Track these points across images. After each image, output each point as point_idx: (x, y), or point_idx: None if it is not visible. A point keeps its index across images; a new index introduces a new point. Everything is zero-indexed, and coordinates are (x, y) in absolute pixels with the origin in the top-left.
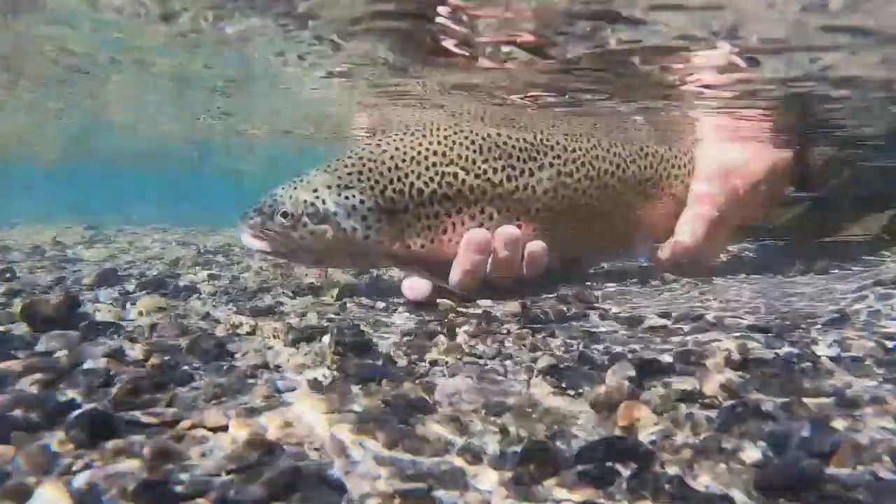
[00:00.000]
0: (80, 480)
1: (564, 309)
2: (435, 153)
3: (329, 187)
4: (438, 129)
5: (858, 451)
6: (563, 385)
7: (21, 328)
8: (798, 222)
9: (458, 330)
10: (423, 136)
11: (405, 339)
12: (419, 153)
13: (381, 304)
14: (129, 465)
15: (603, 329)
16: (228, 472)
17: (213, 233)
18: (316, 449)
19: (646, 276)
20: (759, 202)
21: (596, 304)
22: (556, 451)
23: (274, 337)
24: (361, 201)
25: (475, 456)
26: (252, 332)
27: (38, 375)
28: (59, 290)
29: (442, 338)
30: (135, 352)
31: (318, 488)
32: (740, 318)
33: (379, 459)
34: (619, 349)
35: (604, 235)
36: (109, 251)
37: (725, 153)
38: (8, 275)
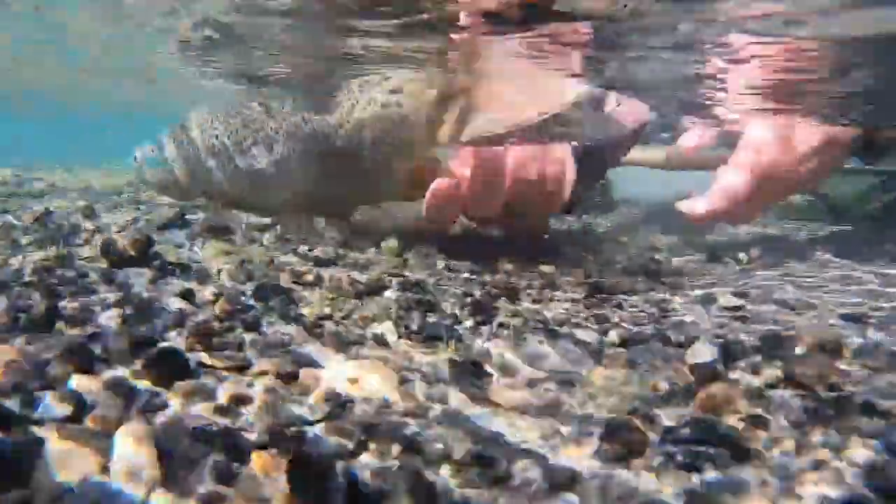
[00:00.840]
0: (158, 418)
1: (629, 281)
2: None
3: None
4: None
5: None
6: (635, 360)
7: (101, 264)
8: (889, 208)
9: (520, 294)
10: None
11: (468, 299)
12: None
13: (441, 263)
14: (204, 408)
15: (673, 305)
16: (301, 425)
17: None
18: (387, 406)
19: (715, 251)
20: (810, 171)
21: (664, 279)
22: (641, 430)
23: (338, 288)
24: None
25: (552, 428)
26: (316, 283)
27: (116, 311)
28: (134, 230)
29: (505, 301)
30: (204, 294)
31: (393, 443)
32: (828, 303)
33: (452, 418)
34: (692, 327)
35: None
36: None
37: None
38: (90, 213)
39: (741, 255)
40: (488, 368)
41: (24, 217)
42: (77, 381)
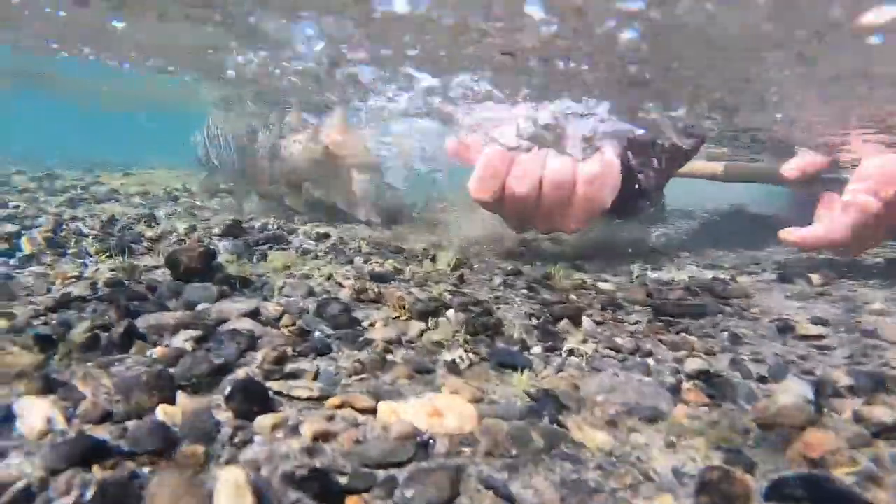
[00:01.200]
0: (246, 455)
1: (695, 302)
2: None
3: None
4: None
5: None
6: (715, 395)
7: (166, 276)
8: None
9: (582, 315)
10: None
11: (532, 320)
12: None
13: (497, 279)
14: (289, 445)
15: (745, 330)
16: (387, 466)
17: None
18: (469, 445)
19: (784, 271)
20: None
21: (731, 300)
22: (741, 481)
23: (400, 307)
24: None
25: (644, 474)
26: (376, 300)
27: (190, 332)
28: (195, 238)
29: (568, 323)
30: (269, 311)
31: (483, 493)
32: None
33: (536, 457)
34: (773, 358)
35: None
36: (232, 200)
37: (889, 156)
38: (152, 221)
39: (814, 277)
40: (565, 402)
41: (92, 225)
42: (163, 412)
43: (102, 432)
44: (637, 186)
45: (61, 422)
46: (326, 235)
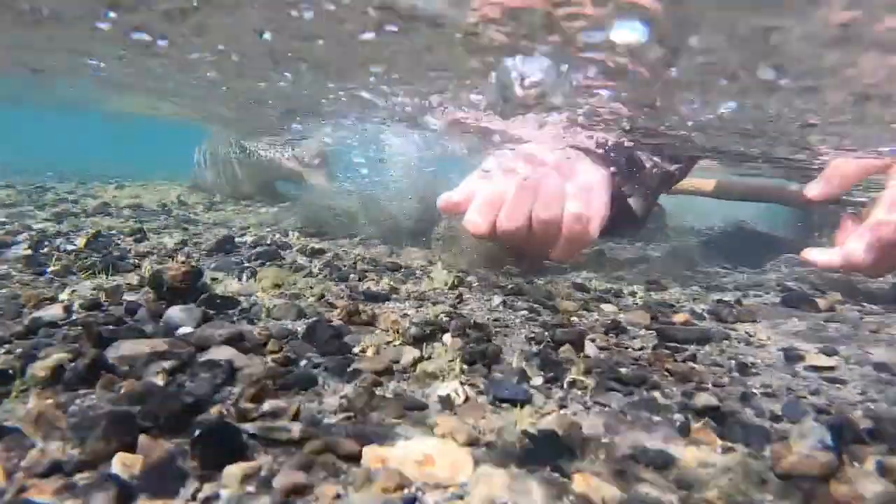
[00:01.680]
0: None
1: (699, 326)
2: None
3: None
4: None
5: None
6: (729, 436)
7: (148, 296)
8: None
9: (585, 339)
10: None
11: (533, 346)
12: None
13: (497, 299)
14: (259, 503)
15: (752, 359)
16: None
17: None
18: (461, 499)
19: (788, 294)
20: None
21: (735, 324)
22: None
23: (394, 332)
24: None
25: None
26: (370, 322)
27: (164, 363)
28: (183, 255)
29: (571, 349)
30: (254, 336)
31: None
32: None
33: None
34: (785, 392)
35: None
36: (226, 214)
37: None
38: (139, 235)
39: (820, 302)
40: (568, 444)
41: (77, 241)
42: (120, 462)
43: (46, 490)
44: (627, 209)
45: (0, 478)
46: (321, 251)
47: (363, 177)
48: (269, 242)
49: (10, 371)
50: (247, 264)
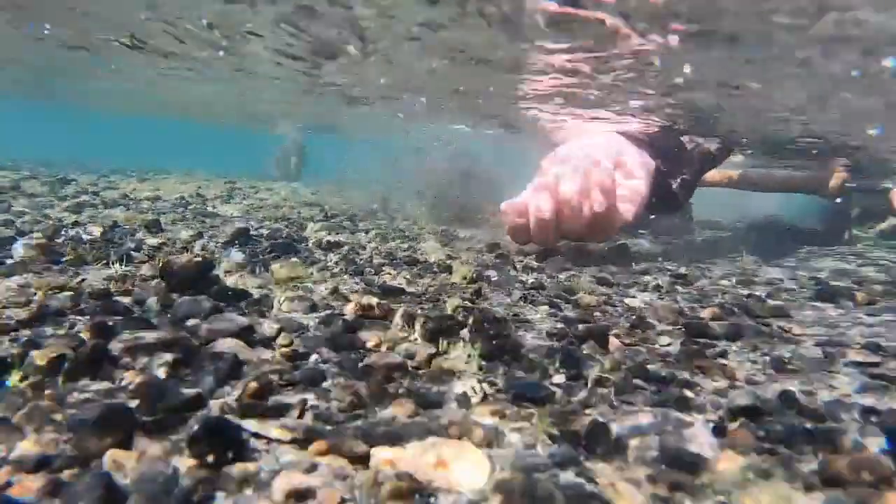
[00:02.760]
0: None
1: (731, 321)
2: None
3: None
4: None
5: None
6: (765, 437)
7: (159, 287)
8: None
9: (609, 335)
10: None
11: (554, 342)
12: None
13: (517, 293)
14: None
15: (788, 355)
16: None
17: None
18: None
19: (824, 287)
20: None
21: (768, 318)
22: None
23: (409, 326)
24: None
25: None
26: (384, 317)
27: (167, 355)
28: (197, 247)
29: (594, 345)
30: (264, 329)
31: None
32: None
33: None
34: (826, 390)
35: None
36: (244, 207)
37: None
38: (155, 228)
39: (858, 295)
40: (593, 445)
41: (92, 231)
42: (112, 458)
43: (31, 487)
44: (669, 191)
45: None
46: (338, 244)
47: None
48: (284, 235)
49: (9, 360)
50: (261, 257)
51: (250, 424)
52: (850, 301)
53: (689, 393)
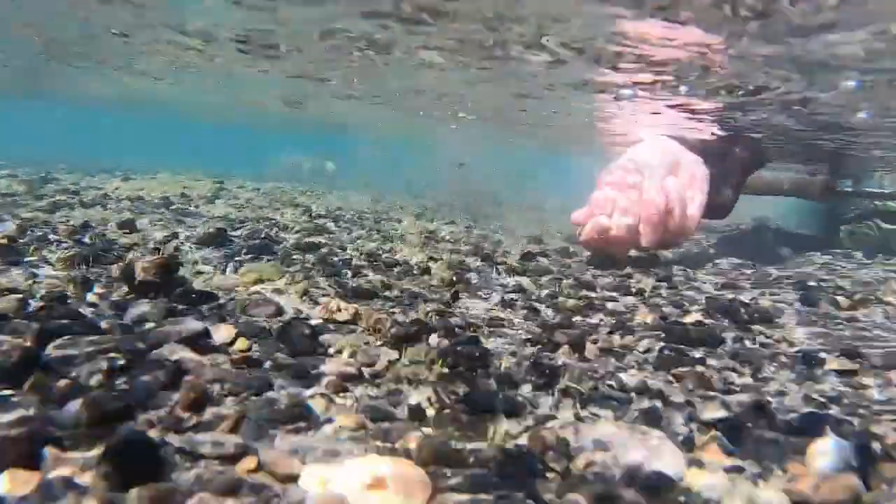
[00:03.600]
0: None
1: (712, 326)
2: None
3: None
4: None
5: None
6: (737, 452)
7: (120, 290)
8: None
9: (586, 340)
10: None
11: (527, 348)
12: None
13: (496, 296)
14: None
15: (768, 363)
16: None
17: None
18: None
19: (808, 292)
20: None
21: (749, 325)
22: None
23: (376, 330)
24: None
25: None
26: (352, 321)
27: (102, 363)
28: (168, 248)
29: (569, 351)
30: (220, 334)
31: None
32: None
33: None
34: (803, 402)
35: None
36: (227, 208)
37: None
38: (129, 228)
39: (840, 299)
40: (549, 463)
41: (60, 230)
42: (8, 480)
43: None
44: (720, 195)
45: None
46: (316, 246)
47: None
48: (262, 236)
49: None
50: (237, 258)
51: (176, 439)
52: (832, 305)
53: (659, 404)
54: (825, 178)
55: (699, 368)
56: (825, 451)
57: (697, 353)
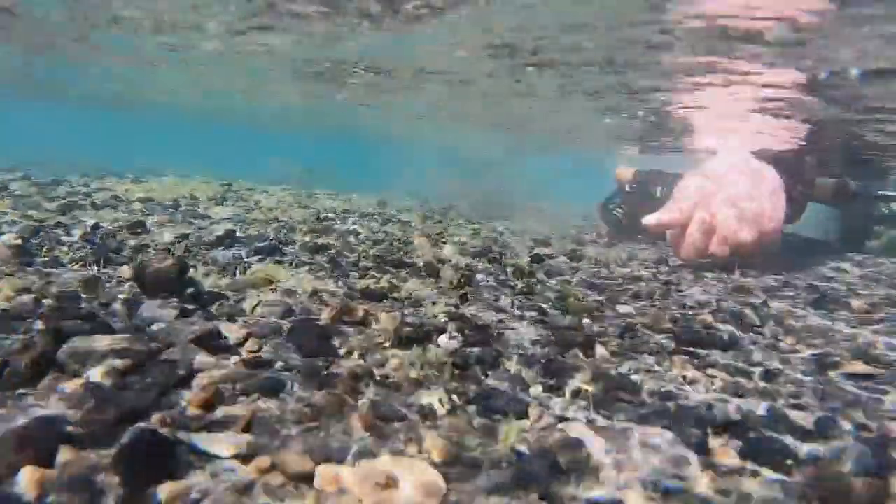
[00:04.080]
0: None
1: (723, 329)
2: None
3: None
4: None
5: None
6: (750, 455)
7: (132, 290)
8: None
9: (595, 343)
10: None
11: (537, 349)
12: None
13: (505, 299)
14: None
15: (780, 365)
16: None
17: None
18: None
19: (820, 296)
20: None
21: (763, 328)
22: None
23: (385, 332)
24: None
25: None
26: (362, 322)
27: (116, 361)
28: (178, 249)
29: (579, 353)
30: (231, 334)
31: None
32: None
33: None
34: (817, 405)
35: None
36: (236, 209)
37: None
38: (139, 229)
39: (854, 303)
40: (563, 465)
41: (73, 232)
42: (27, 478)
43: None
44: (791, 204)
45: None
46: (325, 247)
47: None
48: (271, 238)
49: None
50: (246, 259)
51: (190, 438)
52: (847, 309)
53: (671, 405)
54: (838, 180)
55: (711, 370)
56: (843, 454)
57: (709, 356)
